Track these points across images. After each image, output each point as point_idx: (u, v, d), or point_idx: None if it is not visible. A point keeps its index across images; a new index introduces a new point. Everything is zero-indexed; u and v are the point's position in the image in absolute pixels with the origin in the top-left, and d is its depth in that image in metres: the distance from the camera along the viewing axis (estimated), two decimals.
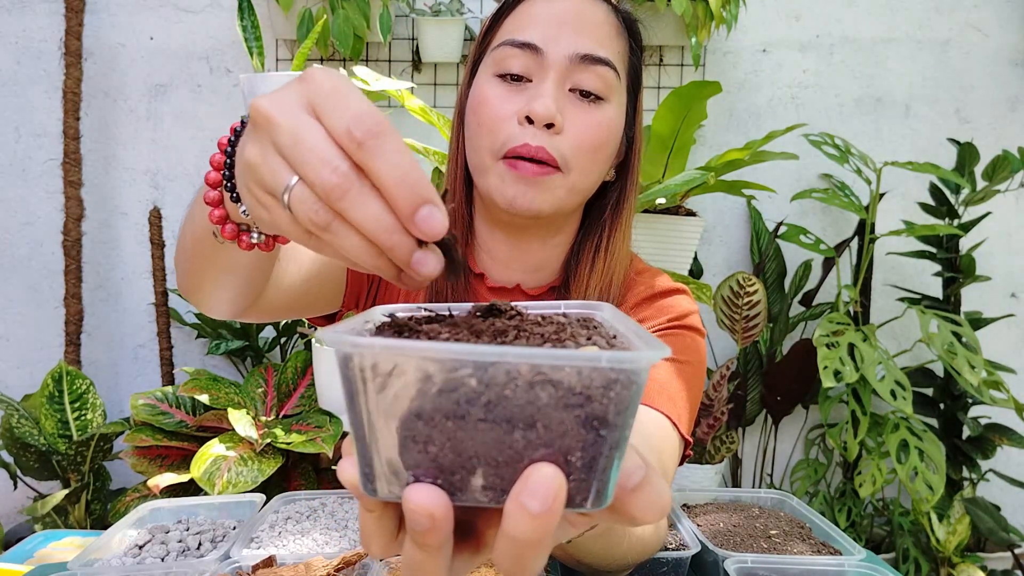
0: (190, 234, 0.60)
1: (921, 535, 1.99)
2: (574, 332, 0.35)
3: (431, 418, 0.28)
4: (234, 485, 1.46)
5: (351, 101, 0.34)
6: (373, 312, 0.40)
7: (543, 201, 0.75)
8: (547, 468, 0.28)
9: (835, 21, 2.18)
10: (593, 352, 0.28)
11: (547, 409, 0.28)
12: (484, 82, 0.77)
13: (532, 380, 0.28)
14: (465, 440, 0.29)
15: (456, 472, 0.29)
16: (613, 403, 0.28)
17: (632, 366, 0.28)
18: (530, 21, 0.76)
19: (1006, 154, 1.97)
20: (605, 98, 0.76)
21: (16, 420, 1.79)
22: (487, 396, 0.28)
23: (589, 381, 0.28)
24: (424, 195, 0.33)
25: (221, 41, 2.10)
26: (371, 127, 0.33)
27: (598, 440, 0.29)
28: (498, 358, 0.27)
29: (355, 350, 0.28)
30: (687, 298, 0.86)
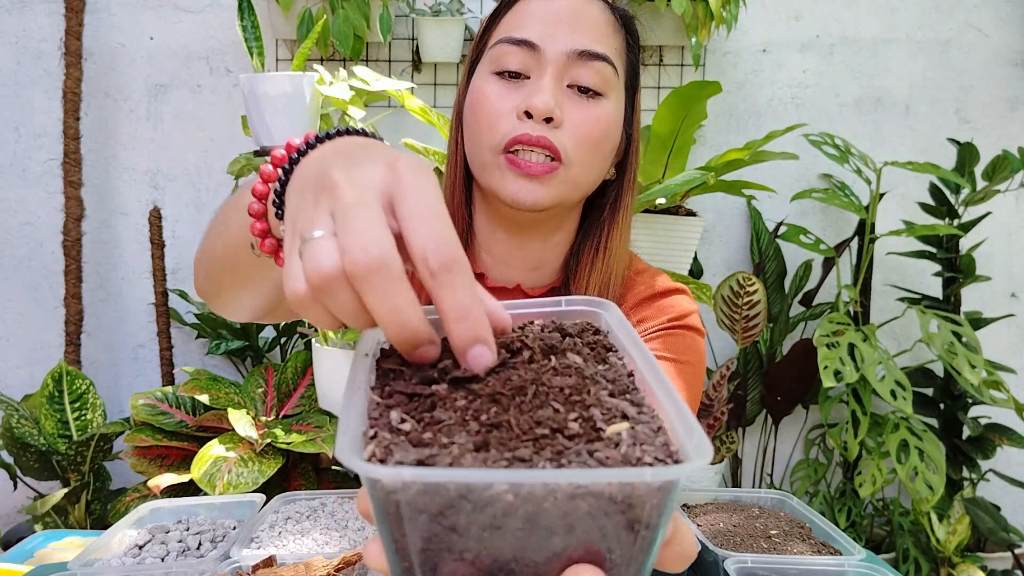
0: (222, 241, 0.60)
1: (921, 535, 1.99)
2: (596, 392, 0.34)
3: (467, 531, 0.28)
4: (235, 486, 1.46)
5: (437, 221, 0.33)
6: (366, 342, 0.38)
7: (545, 195, 0.75)
8: (586, 571, 0.28)
9: (835, 21, 2.18)
10: (637, 470, 0.27)
11: (587, 517, 0.28)
12: (482, 80, 0.77)
13: (572, 494, 0.27)
14: (503, 548, 0.28)
15: (494, 574, 0.29)
16: (656, 508, 0.28)
17: (676, 478, 0.28)
18: (527, 19, 0.76)
19: (1006, 154, 1.97)
20: (603, 94, 0.76)
21: (16, 420, 1.79)
22: (525, 509, 0.27)
23: (631, 490, 0.27)
24: (483, 334, 0.33)
25: (221, 41, 2.10)
26: (448, 260, 0.33)
27: (638, 539, 0.28)
28: (536, 479, 0.27)
29: (383, 477, 0.27)
30: (687, 298, 0.86)
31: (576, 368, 0.36)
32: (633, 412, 0.32)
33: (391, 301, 0.32)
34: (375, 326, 0.34)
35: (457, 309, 0.33)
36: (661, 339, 0.81)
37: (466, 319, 0.33)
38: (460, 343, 0.33)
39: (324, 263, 0.33)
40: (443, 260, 0.33)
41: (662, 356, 0.80)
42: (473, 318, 0.33)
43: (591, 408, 0.32)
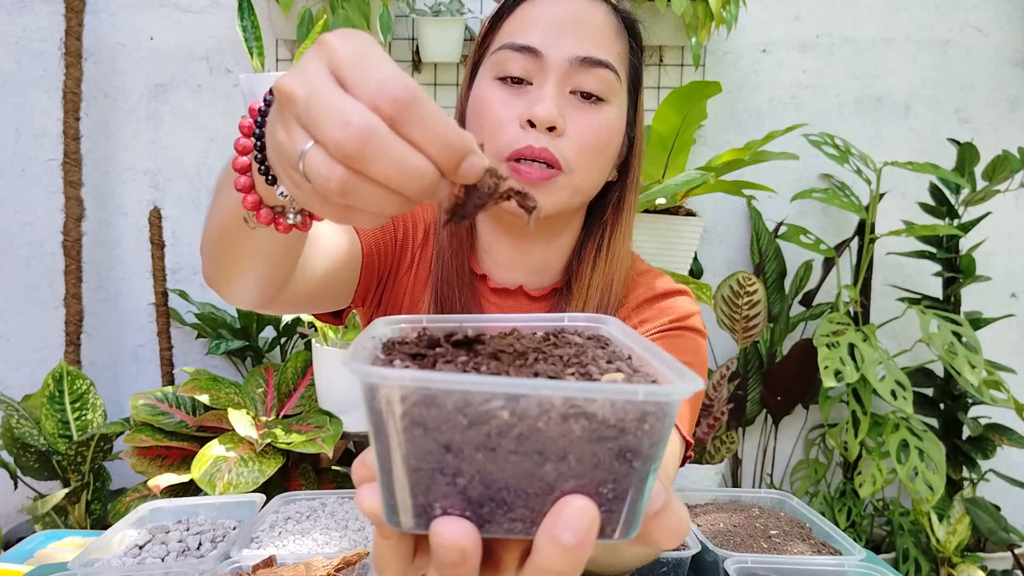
0: (216, 222, 0.59)
1: (921, 535, 1.99)
2: (594, 355, 0.34)
3: (460, 451, 0.28)
4: (235, 486, 1.46)
5: (376, 66, 0.33)
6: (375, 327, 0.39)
7: (547, 203, 0.75)
8: (580, 500, 0.28)
9: (835, 21, 2.18)
10: (630, 386, 0.28)
11: (580, 442, 0.28)
12: (484, 85, 0.77)
13: (566, 413, 0.27)
14: (495, 472, 0.28)
15: (485, 504, 0.29)
16: (647, 435, 0.28)
17: (667, 399, 0.28)
18: (529, 24, 0.76)
19: (1006, 154, 1.97)
20: (606, 99, 0.76)
21: (16, 420, 1.79)
22: (519, 428, 0.27)
23: (623, 414, 0.28)
24: (466, 146, 0.33)
25: (221, 41, 2.10)
26: (398, 96, 0.32)
27: (630, 472, 0.28)
28: (531, 391, 0.27)
29: (383, 382, 0.27)
30: (688, 299, 0.86)
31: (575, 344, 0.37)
32: (629, 371, 0.33)
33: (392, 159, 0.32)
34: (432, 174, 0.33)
35: (432, 138, 0.32)
36: (662, 340, 0.81)
37: (445, 143, 0.33)
38: (450, 167, 0.33)
39: (323, 172, 0.33)
40: (395, 96, 0.32)
41: None
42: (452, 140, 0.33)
43: (589, 367, 0.33)
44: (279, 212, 0.49)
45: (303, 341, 2.10)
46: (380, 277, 0.86)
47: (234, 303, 0.70)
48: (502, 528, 0.29)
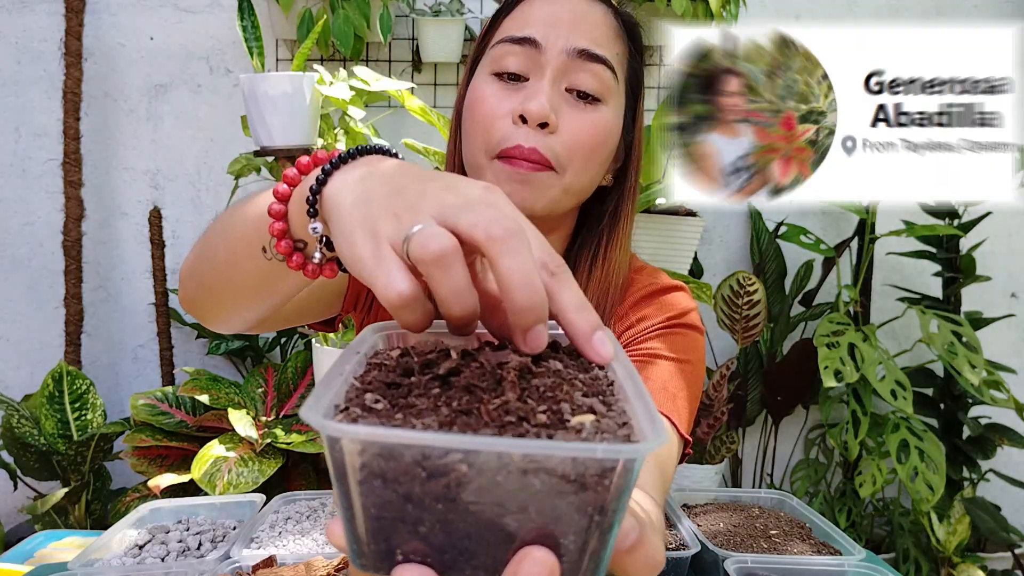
0: (225, 247, 0.59)
1: (921, 535, 1.99)
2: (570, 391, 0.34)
3: (421, 501, 0.28)
4: (235, 486, 1.46)
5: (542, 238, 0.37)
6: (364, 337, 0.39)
7: (536, 200, 0.75)
8: (539, 552, 0.28)
9: (835, 21, 2.18)
10: (588, 444, 0.28)
11: (540, 496, 0.28)
12: (481, 80, 0.77)
13: (524, 467, 0.27)
14: (456, 522, 0.28)
15: (447, 552, 0.29)
16: (609, 491, 0.28)
17: (629, 456, 0.27)
18: (529, 20, 0.76)
19: None
20: (602, 99, 0.76)
21: (16, 420, 1.79)
22: (478, 482, 0.27)
23: (583, 469, 0.27)
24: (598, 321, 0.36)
25: (221, 41, 2.10)
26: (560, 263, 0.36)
27: (592, 524, 0.28)
28: (488, 447, 0.27)
29: (341, 435, 0.28)
30: (686, 295, 0.86)
31: (555, 371, 0.36)
32: (602, 409, 0.32)
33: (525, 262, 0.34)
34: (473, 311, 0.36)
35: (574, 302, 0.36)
36: (661, 337, 0.81)
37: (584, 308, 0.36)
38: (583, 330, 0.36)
39: (441, 239, 0.34)
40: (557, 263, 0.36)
41: (662, 355, 0.80)
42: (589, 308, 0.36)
43: (562, 403, 0.32)
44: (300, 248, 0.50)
45: (303, 341, 2.10)
46: None
47: (216, 329, 0.70)
48: (464, 575, 0.29)
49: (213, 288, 0.63)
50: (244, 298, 0.62)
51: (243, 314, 0.65)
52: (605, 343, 0.35)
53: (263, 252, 0.53)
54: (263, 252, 0.53)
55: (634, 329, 0.82)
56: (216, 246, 0.61)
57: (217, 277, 0.62)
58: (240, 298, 0.62)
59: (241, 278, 0.59)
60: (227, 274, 0.60)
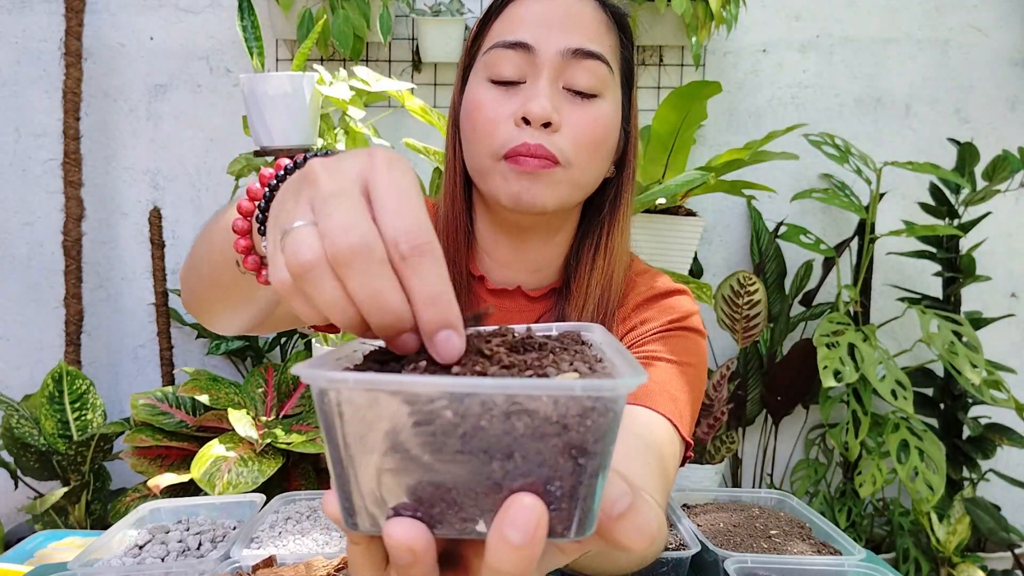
0: (207, 260, 0.60)
1: (921, 535, 1.99)
2: (556, 359, 0.34)
3: (407, 451, 0.28)
4: (234, 486, 1.46)
5: (409, 207, 0.34)
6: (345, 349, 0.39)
7: (547, 196, 0.75)
8: (527, 498, 0.28)
9: (835, 21, 2.18)
10: (567, 380, 0.28)
11: (524, 439, 0.28)
12: (477, 87, 0.77)
13: (508, 410, 0.27)
14: (443, 472, 0.28)
15: (435, 504, 0.29)
16: (590, 431, 0.28)
17: (608, 394, 0.28)
18: (519, 23, 0.75)
19: (1006, 154, 1.97)
20: (599, 94, 0.76)
21: (16, 420, 1.79)
22: (463, 427, 0.28)
23: (565, 410, 0.28)
24: (451, 319, 0.33)
25: (221, 41, 2.10)
26: (418, 244, 0.33)
27: (577, 468, 0.28)
28: (472, 389, 0.27)
29: (330, 385, 0.28)
30: (688, 299, 0.86)
31: (542, 345, 0.37)
32: (586, 371, 0.33)
33: (373, 284, 0.32)
34: (358, 322, 0.33)
35: (426, 292, 0.32)
36: (663, 340, 0.81)
37: (435, 303, 0.32)
38: (429, 327, 0.33)
39: (304, 251, 0.33)
40: (413, 243, 0.33)
41: (663, 357, 0.80)
42: (443, 302, 0.33)
43: (548, 368, 0.33)
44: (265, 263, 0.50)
45: (303, 341, 2.10)
46: None
47: (216, 331, 0.71)
48: (454, 528, 0.29)
49: (203, 297, 0.64)
50: (232, 306, 0.63)
51: (236, 319, 0.66)
52: (451, 342, 0.32)
53: (237, 266, 0.53)
54: (237, 266, 0.53)
55: (636, 331, 0.82)
56: (200, 259, 0.62)
57: (204, 287, 0.63)
58: (229, 306, 0.63)
59: (225, 289, 0.60)
60: (212, 285, 0.61)
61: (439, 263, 0.33)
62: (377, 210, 0.34)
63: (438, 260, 0.33)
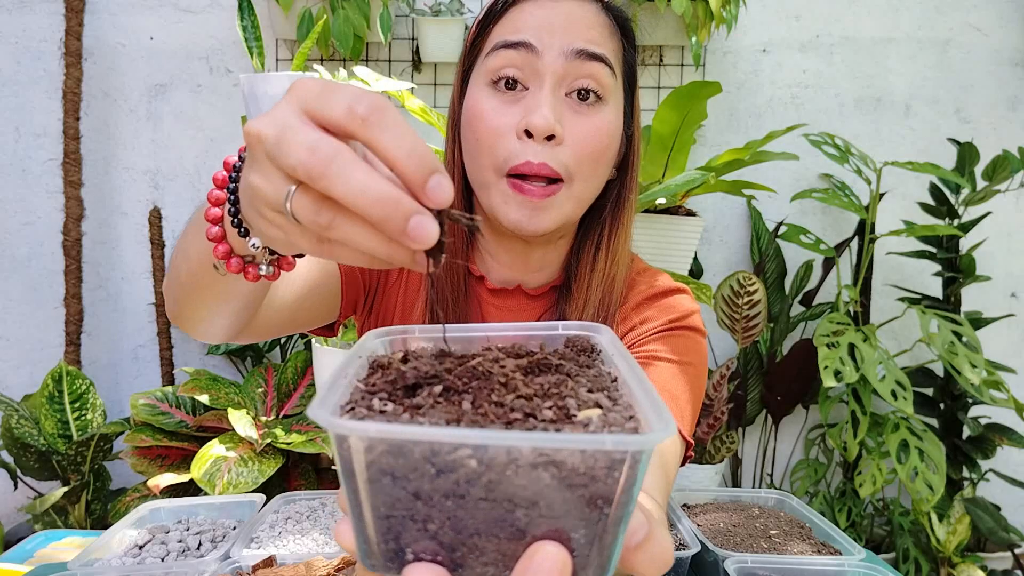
0: (184, 268, 0.60)
1: (921, 535, 1.99)
2: (574, 386, 0.34)
3: (430, 498, 0.28)
4: (234, 486, 1.46)
5: (345, 89, 0.34)
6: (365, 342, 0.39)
7: (550, 221, 0.75)
8: (551, 547, 0.28)
9: (835, 21, 2.18)
10: (597, 436, 0.27)
11: (550, 489, 0.28)
12: (477, 93, 0.76)
13: (534, 462, 0.27)
14: (466, 519, 0.28)
15: (457, 549, 0.29)
16: (617, 483, 0.28)
17: (637, 447, 0.27)
18: (521, 25, 0.75)
19: (1006, 154, 1.97)
20: (603, 98, 0.75)
21: (16, 420, 1.79)
22: (488, 476, 0.27)
23: (593, 462, 0.27)
24: (433, 165, 0.33)
25: (221, 41, 2.10)
26: (372, 102, 0.33)
27: (602, 518, 0.28)
28: (498, 441, 0.27)
29: (351, 433, 0.27)
30: (688, 298, 0.86)
31: (558, 367, 0.36)
32: (608, 404, 0.32)
33: (357, 180, 0.32)
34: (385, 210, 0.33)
35: (403, 144, 0.32)
36: (663, 340, 0.81)
37: (415, 151, 0.32)
38: (417, 178, 0.32)
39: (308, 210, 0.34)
40: (367, 103, 0.33)
41: (664, 357, 0.80)
42: (421, 150, 0.32)
43: (567, 399, 0.32)
44: (249, 261, 0.50)
45: (303, 341, 2.10)
46: (367, 288, 0.85)
47: (201, 339, 0.71)
48: (475, 573, 0.29)
49: (186, 303, 0.64)
50: (214, 309, 0.63)
51: (219, 323, 0.66)
52: (441, 188, 0.33)
53: (216, 270, 0.53)
54: (216, 270, 0.53)
55: (636, 331, 0.82)
56: (179, 266, 0.62)
57: (185, 293, 0.63)
58: (211, 310, 0.63)
59: (206, 293, 0.60)
60: (192, 291, 0.61)
61: (398, 115, 0.34)
62: (316, 108, 0.35)
63: (398, 115, 0.33)
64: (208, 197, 0.48)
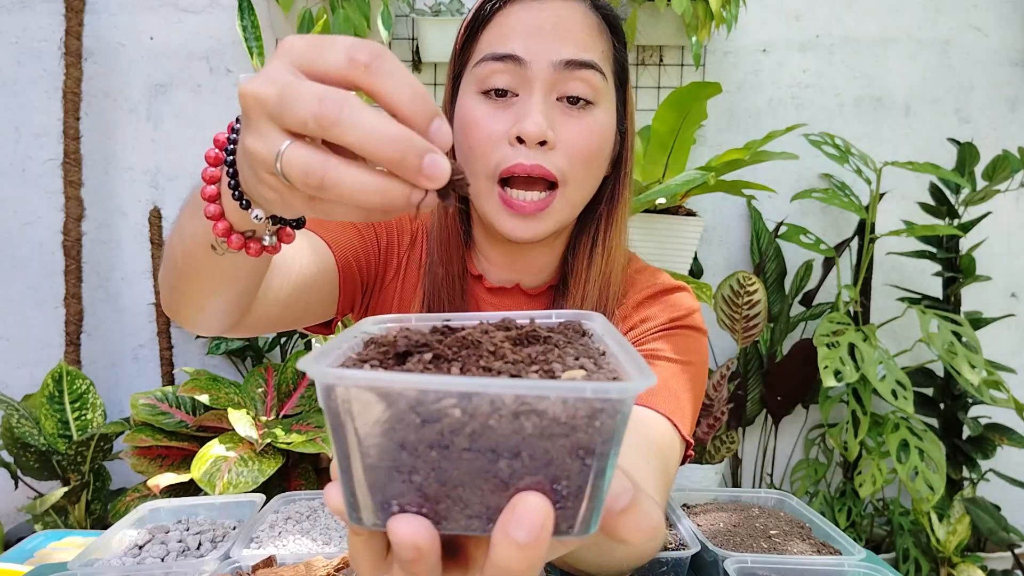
0: (180, 252, 0.59)
1: (921, 535, 1.99)
2: (561, 354, 0.34)
3: (415, 448, 0.28)
4: (234, 486, 1.46)
5: (339, 40, 0.34)
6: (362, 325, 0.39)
7: (544, 229, 0.75)
8: (533, 497, 0.28)
9: (835, 21, 2.18)
10: (578, 383, 0.28)
11: (532, 439, 0.28)
12: (468, 100, 0.76)
13: (516, 410, 0.27)
14: (450, 470, 0.28)
15: (441, 501, 0.29)
16: (599, 433, 0.28)
17: (618, 396, 0.28)
18: (509, 33, 0.74)
19: (1006, 154, 1.97)
20: (594, 102, 0.75)
21: (16, 420, 1.79)
22: (471, 426, 0.28)
23: (574, 411, 0.28)
24: (433, 109, 0.33)
25: (221, 41, 2.10)
26: (372, 50, 0.33)
27: (584, 468, 0.29)
28: (482, 389, 0.27)
29: (338, 382, 0.28)
30: (689, 296, 0.86)
31: (546, 338, 0.37)
32: (592, 368, 0.33)
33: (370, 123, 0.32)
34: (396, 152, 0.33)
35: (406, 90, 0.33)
36: (664, 338, 0.81)
37: (417, 95, 0.33)
38: (421, 120, 0.33)
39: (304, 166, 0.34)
40: (369, 51, 0.33)
41: (665, 356, 0.80)
42: (421, 95, 0.33)
43: (553, 363, 0.33)
44: (250, 236, 0.49)
45: (303, 341, 2.10)
46: (365, 285, 0.85)
47: (197, 331, 0.70)
48: (459, 525, 0.29)
49: (183, 291, 0.63)
50: (210, 294, 0.62)
51: (215, 311, 0.65)
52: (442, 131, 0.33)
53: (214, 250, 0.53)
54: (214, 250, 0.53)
55: (637, 329, 0.82)
56: (174, 253, 0.62)
57: (182, 279, 0.62)
58: (208, 295, 0.62)
59: (203, 276, 0.59)
60: (188, 275, 0.60)
61: (399, 63, 0.34)
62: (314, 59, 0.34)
63: (396, 60, 0.34)
64: (203, 175, 0.48)
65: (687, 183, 1.51)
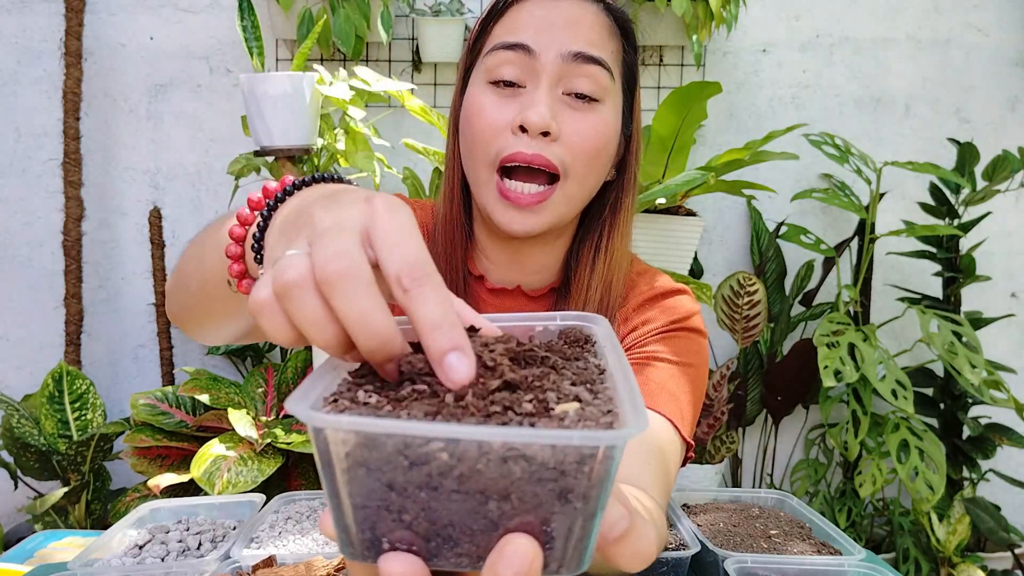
0: (196, 278, 0.60)
1: (921, 535, 1.99)
2: (558, 379, 0.34)
3: (404, 489, 0.28)
4: (234, 485, 1.46)
5: (410, 242, 0.34)
6: None
7: (541, 223, 0.75)
8: (522, 539, 0.28)
9: (835, 21, 2.18)
10: (565, 432, 0.27)
11: (521, 483, 0.28)
12: (476, 90, 0.77)
13: (504, 455, 0.27)
14: (439, 510, 0.28)
15: (431, 539, 0.29)
16: (587, 477, 0.28)
17: (608, 443, 0.27)
18: (521, 25, 0.75)
19: (1006, 154, 1.97)
20: (599, 100, 0.75)
21: (16, 420, 1.79)
22: (459, 469, 0.28)
23: (563, 456, 0.27)
24: (457, 341, 0.32)
25: (221, 41, 2.10)
26: (420, 275, 0.32)
27: (574, 512, 0.28)
28: (467, 436, 0.27)
29: (324, 426, 0.28)
30: (689, 298, 0.86)
31: (543, 359, 0.37)
32: (588, 397, 0.33)
33: (361, 305, 0.32)
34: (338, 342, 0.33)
35: (430, 319, 0.32)
36: (664, 341, 0.81)
37: (440, 327, 0.32)
38: (435, 352, 0.32)
39: (291, 270, 0.33)
40: (415, 276, 0.33)
41: (665, 358, 0.80)
42: (447, 325, 0.32)
43: (548, 392, 0.32)
44: None
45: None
46: None
47: (202, 341, 0.71)
48: (450, 562, 0.29)
49: (192, 310, 0.64)
50: (219, 322, 0.63)
51: (221, 333, 0.66)
52: (458, 367, 0.32)
53: (228, 285, 0.53)
54: (228, 285, 0.53)
55: (637, 332, 0.82)
56: (189, 275, 0.62)
57: (192, 301, 0.63)
58: (216, 322, 0.63)
59: (215, 305, 0.60)
60: (201, 301, 0.61)
61: (442, 291, 0.33)
62: (377, 249, 0.34)
63: (440, 288, 0.33)
64: (238, 215, 0.49)
65: (687, 183, 1.51)
